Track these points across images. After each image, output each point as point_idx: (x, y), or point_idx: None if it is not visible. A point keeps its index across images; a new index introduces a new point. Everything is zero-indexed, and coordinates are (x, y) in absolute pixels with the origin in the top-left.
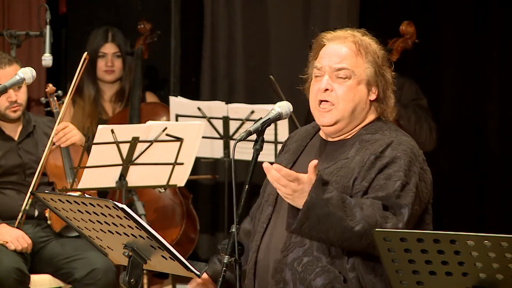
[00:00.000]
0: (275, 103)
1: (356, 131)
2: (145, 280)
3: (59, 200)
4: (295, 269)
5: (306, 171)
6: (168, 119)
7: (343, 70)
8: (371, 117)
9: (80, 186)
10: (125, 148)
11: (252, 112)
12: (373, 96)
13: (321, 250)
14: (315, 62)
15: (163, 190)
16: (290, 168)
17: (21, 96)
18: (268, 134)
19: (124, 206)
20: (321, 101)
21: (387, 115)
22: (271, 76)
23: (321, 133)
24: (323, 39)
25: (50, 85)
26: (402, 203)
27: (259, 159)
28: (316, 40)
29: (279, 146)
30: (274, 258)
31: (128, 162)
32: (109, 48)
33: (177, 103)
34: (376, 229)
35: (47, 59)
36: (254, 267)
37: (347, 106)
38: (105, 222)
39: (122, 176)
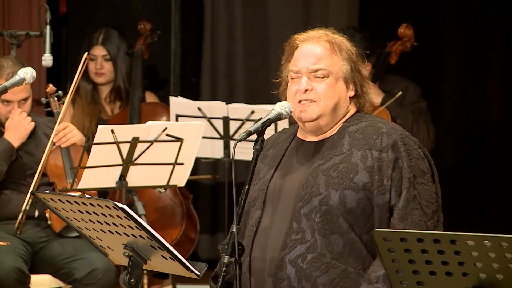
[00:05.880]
0: (275, 103)
1: (339, 126)
2: (145, 280)
3: (59, 200)
4: (300, 266)
5: (290, 171)
6: (168, 119)
7: (320, 70)
8: (351, 111)
9: (80, 186)
10: (125, 148)
11: (252, 112)
12: (351, 93)
13: (325, 246)
14: (290, 65)
15: (163, 190)
16: (274, 172)
17: (26, 109)
18: (268, 134)
19: (124, 206)
20: (302, 101)
21: (366, 109)
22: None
23: (300, 135)
24: (295, 41)
25: (51, 85)
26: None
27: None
28: (288, 43)
29: None
30: (271, 257)
31: (128, 162)
32: (98, 51)
33: (177, 103)
34: (376, 229)
35: (47, 59)
36: (249, 270)
37: (328, 103)
38: (105, 222)
39: (122, 176)
